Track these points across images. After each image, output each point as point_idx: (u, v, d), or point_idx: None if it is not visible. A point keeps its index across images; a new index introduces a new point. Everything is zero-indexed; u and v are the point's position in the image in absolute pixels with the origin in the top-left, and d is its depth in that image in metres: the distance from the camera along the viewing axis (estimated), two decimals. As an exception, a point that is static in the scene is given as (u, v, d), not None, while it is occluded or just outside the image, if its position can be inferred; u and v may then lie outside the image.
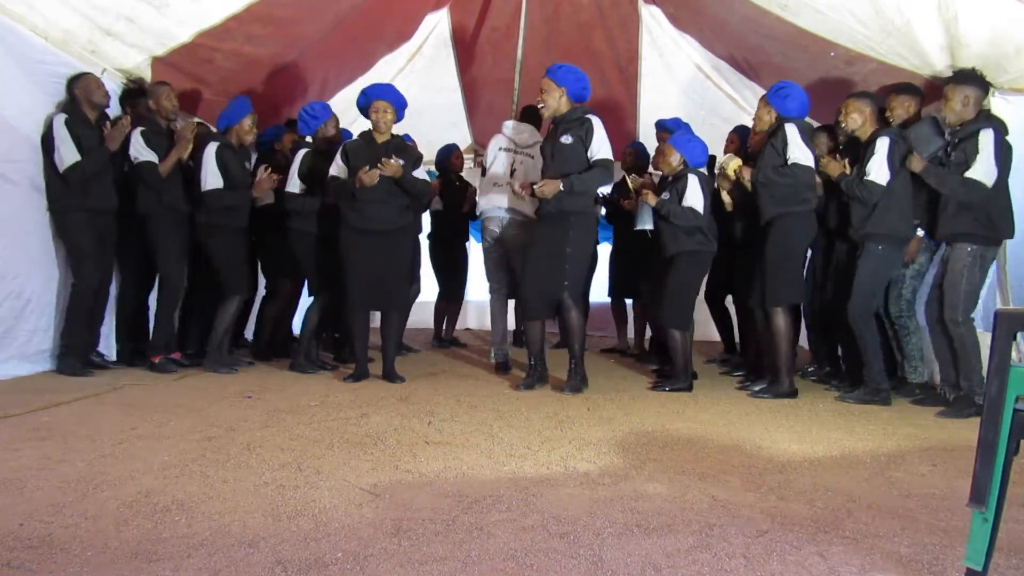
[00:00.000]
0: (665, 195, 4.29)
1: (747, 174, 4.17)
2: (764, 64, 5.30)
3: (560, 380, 4.23)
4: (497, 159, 4.70)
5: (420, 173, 4.46)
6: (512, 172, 4.61)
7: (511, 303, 5.01)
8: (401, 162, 4.16)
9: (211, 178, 4.36)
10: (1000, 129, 3.64)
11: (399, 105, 4.24)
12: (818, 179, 4.12)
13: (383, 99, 4.18)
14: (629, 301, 6.08)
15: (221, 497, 2.11)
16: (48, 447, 2.61)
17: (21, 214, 4.02)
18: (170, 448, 2.64)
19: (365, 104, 4.21)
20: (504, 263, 4.81)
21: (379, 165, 4.04)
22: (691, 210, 4.15)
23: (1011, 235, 3.71)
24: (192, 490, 2.17)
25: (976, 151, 3.59)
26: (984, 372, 3.50)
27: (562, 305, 4.04)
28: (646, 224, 4.38)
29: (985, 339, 3.45)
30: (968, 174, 3.59)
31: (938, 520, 2.05)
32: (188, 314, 4.83)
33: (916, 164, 3.78)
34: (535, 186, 3.99)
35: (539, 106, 4.07)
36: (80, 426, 2.94)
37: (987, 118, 3.67)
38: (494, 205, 4.67)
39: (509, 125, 4.80)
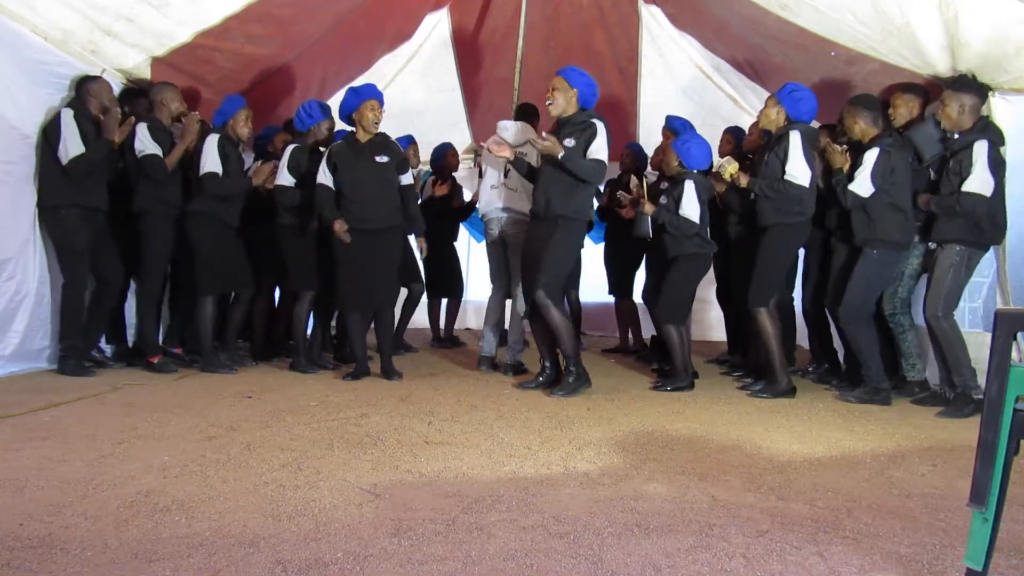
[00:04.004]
0: (663, 200, 4.31)
1: (744, 180, 4.19)
2: (765, 64, 5.30)
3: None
4: (492, 160, 4.73)
5: (408, 173, 4.50)
6: (507, 172, 4.62)
7: (507, 302, 5.00)
8: (385, 160, 4.22)
9: (211, 164, 4.34)
10: (995, 140, 3.67)
11: (382, 101, 4.35)
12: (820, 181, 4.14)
13: (376, 98, 4.27)
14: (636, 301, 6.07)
15: (221, 497, 2.11)
16: (48, 447, 2.61)
17: (20, 214, 4.02)
18: (170, 448, 2.64)
19: (357, 103, 4.25)
20: (505, 261, 4.82)
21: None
22: (686, 220, 4.18)
23: (999, 241, 3.79)
24: (192, 490, 2.16)
25: (971, 163, 3.62)
26: (974, 366, 3.56)
27: (538, 304, 3.99)
28: (644, 232, 4.40)
29: (986, 339, 3.46)
30: (964, 187, 3.62)
31: (938, 520, 2.06)
32: (188, 313, 4.82)
33: (922, 202, 3.87)
34: (542, 135, 3.98)
35: (547, 103, 4.05)
36: (80, 426, 2.94)
37: (983, 128, 3.69)
38: (492, 206, 4.69)
39: (502, 125, 4.81)
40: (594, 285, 6.62)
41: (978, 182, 3.61)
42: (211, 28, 4.50)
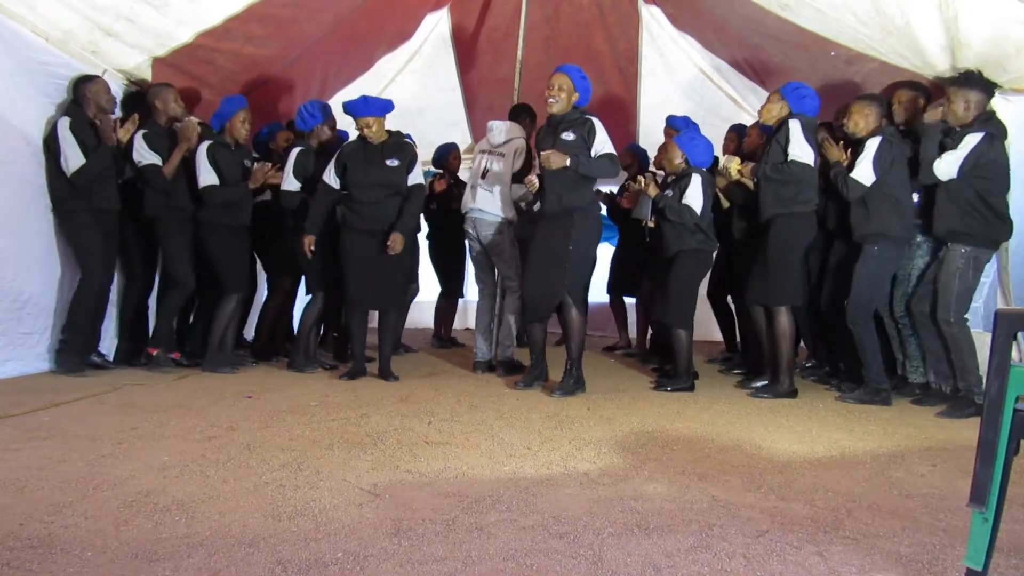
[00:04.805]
0: (668, 192, 4.30)
1: (748, 168, 4.19)
2: (765, 64, 5.30)
3: (558, 381, 4.21)
4: (475, 160, 4.77)
5: (418, 172, 4.49)
6: (484, 173, 4.63)
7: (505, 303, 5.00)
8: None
9: (205, 175, 4.36)
10: (994, 132, 3.62)
11: (382, 111, 4.28)
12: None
13: (364, 116, 4.21)
14: (630, 300, 6.07)
15: (221, 497, 2.11)
16: (48, 447, 2.61)
17: (21, 215, 4.01)
18: (170, 448, 2.64)
19: (356, 117, 4.26)
20: (487, 262, 4.82)
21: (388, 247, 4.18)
22: (688, 208, 4.16)
23: (1007, 238, 3.73)
24: (192, 490, 2.17)
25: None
26: (981, 371, 3.53)
27: (562, 304, 4.02)
28: (644, 215, 4.40)
29: (986, 339, 3.46)
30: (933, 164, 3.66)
31: (938, 520, 2.06)
32: (188, 313, 4.83)
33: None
34: (541, 152, 3.94)
35: (550, 100, 4.02)
36: (80, 426, 2.94)
37: (984, 122, 3.66)
38: (468, 205, 4.72)
39: (490, 126, 4.82)
40: (593, 284, 6.63)
41: (947, 162, 3.61)
42: (211, 28, 4.50)
